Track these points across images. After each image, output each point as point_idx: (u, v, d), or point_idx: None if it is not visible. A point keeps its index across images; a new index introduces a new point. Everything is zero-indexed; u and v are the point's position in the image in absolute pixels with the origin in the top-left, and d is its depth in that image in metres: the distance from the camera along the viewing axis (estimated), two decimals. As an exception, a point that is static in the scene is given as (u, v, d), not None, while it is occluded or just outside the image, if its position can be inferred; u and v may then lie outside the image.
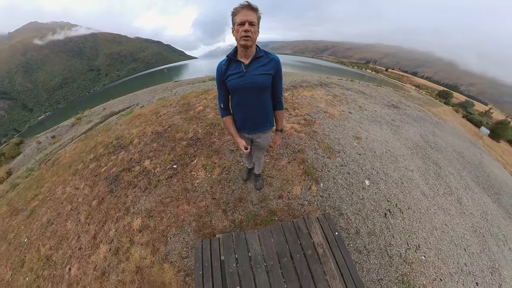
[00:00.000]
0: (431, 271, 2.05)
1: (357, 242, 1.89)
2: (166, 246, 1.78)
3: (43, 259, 2.15)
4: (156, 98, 6.60)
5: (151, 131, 3.49)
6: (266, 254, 1.00)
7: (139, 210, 2.13)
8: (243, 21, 0.92)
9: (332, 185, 2.30)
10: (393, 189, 2.61)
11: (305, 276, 0.92)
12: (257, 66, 1.05)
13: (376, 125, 4.48)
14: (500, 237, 3.29)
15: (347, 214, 2.06)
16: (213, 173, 2.38)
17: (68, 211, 2.53)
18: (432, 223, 2.55)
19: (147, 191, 2.30)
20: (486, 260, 2.63)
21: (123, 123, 4.47)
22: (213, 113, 3.79)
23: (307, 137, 3.03)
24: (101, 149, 3.52)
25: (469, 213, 3.28)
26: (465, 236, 2.76)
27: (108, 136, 4.01)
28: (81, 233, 2.20)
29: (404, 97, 12.14)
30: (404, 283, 1.83)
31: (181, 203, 2.09)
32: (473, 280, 2.23)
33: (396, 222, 2.21)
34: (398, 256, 1.98)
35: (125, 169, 2.74)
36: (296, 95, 5.39)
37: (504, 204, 4.53)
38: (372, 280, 1.75)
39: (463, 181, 4.17)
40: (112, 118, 5.99)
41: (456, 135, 8.15)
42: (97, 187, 2.64)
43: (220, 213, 1.94)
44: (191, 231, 1.84)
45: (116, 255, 1.85)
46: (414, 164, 3.51)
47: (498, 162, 9.01)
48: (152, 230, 1.92)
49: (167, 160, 2.69)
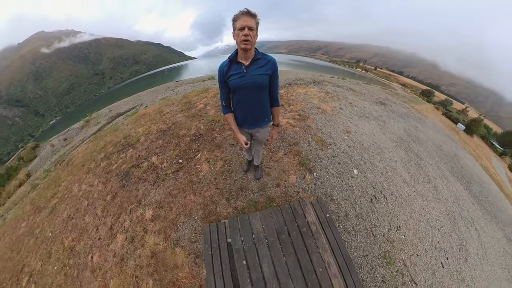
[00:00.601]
0: (409, 248, 2.26)
1: (346, 224, 2.06)
2: (176, 233, 1.89)
3: (68, 250, 2.30)
4: (159, 98, 6.60)
5: (156, 129, 3.54)
6: (267, 232, 1.09)
7: (150, 202, 2.23)
8: (243, 26, 0.97)
9: (324, 174, 2.44)
10: (378, 177, 2.79)
11: (301, 249, 1.01)
12: (256, 67, 1.11)
13: (364, 120, 4.65)
14: (468, 219, 3.62)
15: (338, 200, 2.22)
16: (216, 166, 2.49)
17: (86, 206, 2.66)
18: (411, 207, 2.77)
19: (156, 185, 2.39)
20: (456, 238, 2.91)
21: (129, 123, 4.53)
22: (213, 111, 3.84)
23: (302, 131, 3.15)
24: (111, 148, 3.59)
25: (444, 199, 3.56)
26: (439, 219, 3.02)
27: (116, 135, 4.07)
28: (99, 225, 2.31)
29: (390, 94, 12.51)
30: (386, 258, 2.02)
31: (188, 194, 2.19)
32: (444, 255, 2.48)
33: (380, 207, 2.40)
34: (382, 236, 2.16)
35: (135, 165, 2.82)
36: (291, 92, 5.45)
37: (473, 192, 4.94)
38: (359, 256, 1.91)
39: (440, 171, 4.47)
40: (118, 118, 6.01)
41: (435, 130, 8.59)
42: (109, 183, 2.74)
43: (224, 201, 2.05)
44: (198, 218, 1.95)
45: (132, 243, 1.96)
46: (397, 156, 3.72)
47: (471, 155, 9.65)
48: (163, 219, 2.03)
49: (172, 155, 2.76)
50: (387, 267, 1.96)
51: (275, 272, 0.92)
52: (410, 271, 2.06)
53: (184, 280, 1.60)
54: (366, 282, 1.82)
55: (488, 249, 3.37)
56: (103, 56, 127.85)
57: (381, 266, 1.95)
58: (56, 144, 7.31)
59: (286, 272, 0.93)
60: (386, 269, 1.94)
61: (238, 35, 1.00)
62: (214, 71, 29.89)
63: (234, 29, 1.02)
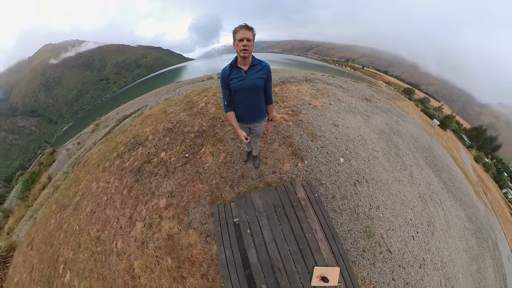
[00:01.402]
0: (386, 224, 2.52)
1: (333, 204, 2.27)
2: (188, 217, 2.06)
3: (94, 240, 2.46)
4: (162, 99, 6.59)
5: (162, 128, 3.63)
6: (266, 206, 1.24)
7: (163, 192, 2.38)
8: (242, 38, 1.09)
9: (314, 162, 2.65)
10: (361, 165, 3.03)
11: (293, 219, 1.18)
12: (254, 72, 1.24)
13: (351, 114, 4.87)
14: (437, 201, 4.01)
15: (326, 184, 2.43)
16: (219, 158, 2.65)
17: (105, 201, 2.78)
18: (389, 190, 3.03)
19: (166, 177, 2.53)
20: (425, 216, 3.26)
21: (137, 124, 4.58)
22: (214, 108, 3.94)
23: (294, 125, 3.32)
24: (122, 147, 3.67)
25: (417, 184, 3.90)
26: (412, 200, 3.33)
27: (126, 136, 4.13)
28: (119, 216, 2.45)
29: (376, 92, 12.93)
30: (367, 232, 2.26)
31: (196, 183, 2.35)
32: (415, 230, 2.83)
33: (362, 190, 2.63)
34: (363, 214, 2.39)
35: (145, 162, 2.94)
36: (285, 89, 5.55)
37: (443, 178, 5.41)
38: (344, 230, 2.14)
39: (415, 160, 4.83)
40: (126, 120, 6.01)
41: (414, 124, 9.09)
42: (124, 179, 2.86)
43: (228, 188, 2.24)
44: (206, 203, 2.12)
45: (150, 229, 2.13)
46: (379, 146, 3.98)
47: (443, 147, 10.35)
48: (176, 206, 2.19)
49: (179, 150, 2.89)
50: (367, 239, 2.21)
51: (273, 237, 1.08)
52: (386, 243, 2.33)
53: (198, 256, 1.79)
54: (350, 252, 2.05)
55: (452, 226, 3.81)
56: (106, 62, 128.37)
57: (362, 238, 2.19)
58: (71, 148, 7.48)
59: (282, 237, 1.09)
60: (367, 241, 2.19)
61: (238, 45, 1.11)
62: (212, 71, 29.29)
63: (234, 40, 1.13)
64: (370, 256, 2.11)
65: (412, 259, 2.43)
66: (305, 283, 1.02)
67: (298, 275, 1.03)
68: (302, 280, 1.02)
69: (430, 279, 2.44)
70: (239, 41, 1.10)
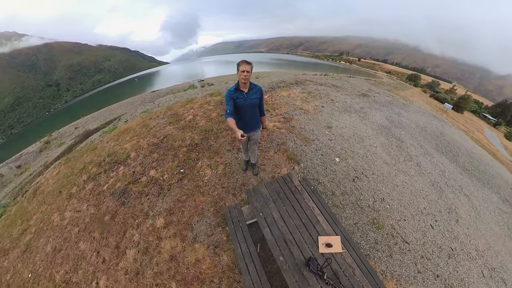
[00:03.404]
0: (395, 215, 3.03)
1: (334, 200, 2.84)
2: (192, 232, 2.43)
3: (62, 285, 2.38)
4: (139, 111, 7.10)
5: (147, 144, 4.05)
6: (271, 193, 1.96)
7: (159, 211, 2.71)
8: (243, 70, 1.85)
9: (310, 164, 3.33)
10: (359, 162, 3.70)
11: (293, 200, 1.85)
12: (252, 93, 2.05)
13: (345, 114, 5.77)
14: (456, 187, 4.54)
15: (324, 182, 3.05)
16: (218, 170, 3.17)
17: (77, 233, 2.83)
18: (393, 182, 3.66)
19: (161, 195, 2.90)
20: (443, 204, 3.69)
21: (111, 140, 4.86)
22: (203, 121, 4.55)
23: (287, 132, 4.09)
24: (94, 168, 3.87)
25: (427, 173, 4.57)
26: (423, 189, 3.91)
27: (97, 155, 4.36)
28: (100, 249, 2.53)
29: (374, 85, 14.64)
30: (375, 224, 2.75)
31: (197, 196, 2.78)
32: (432, 219, 3.23)
33: (362, 184, 3.24)
34: (367, 207, 2.96)
35: (131, 182, 3.26)
36: (275, 96, 6.54)
37: (461, 163, 6.05)
38: (350, 224, 2.66)
39: (423, 149, 5.63)
40: (93, 136, 6.14)
41: (420, 113, 10.28)
42: (104, 204, 3.07)
43: (230, 196, 2.73)
44: (211, 214, 2.55)
45: (146, 254, 2.34)
46: (378, 141, 4.75)
47: (460, 130, 11.51)
48: (177, 223, 2.54)
49: (172, 166, 3.34)
50: (377, 231, 2.67)
51: (280, 216, 1.74)
52: (400, 233, 2.76)
53: (207, 271, 2.09)
54: (361, 245, 2.47)
55: (482, 211, 4.11)
56: (56, 63, 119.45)
57: (371, 231, 2.66)
58: (7, 174, 6.73)
59: (287, 215, 1.74)
60: (377, 233, 2.64)
61: (240, 75, 1.88)
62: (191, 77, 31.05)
63: (238, 70, 1.90)
64: (384, 248, 2.50)
65: (436, 249, 2.73)
66: (313, 251, 1.52)
67: (306, 244, 1.54)
68: (310, 248, 1.53)
69: (467, 270, 2.63)
70: (241, 72, 1.86)
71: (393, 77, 51.83)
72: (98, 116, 10.82)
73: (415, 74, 62.12)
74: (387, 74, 69.61)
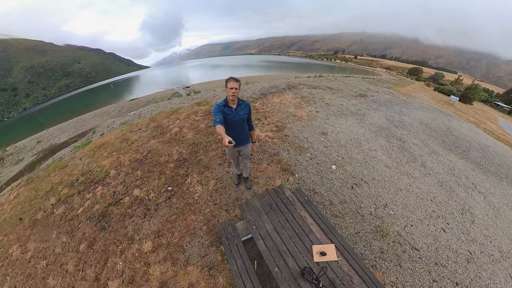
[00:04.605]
0: (401, 221, 3.22)
1: (333, 209, 3.03)
2: (184, 254, 2.51)
3: None
4: (117, 123, 7.16)
5: (128, 160, 4.15)
6: (263, 206, 2.18)
7: (146, 234, 2.79)
8: (231, 87, 2.10)
9: (305, 174, 3.56)
10: (357, 168, 3.96)
11: (285, 211, 2.08)
12: (240, 109, 2.32)
13: (341, 118, 6.18)
14: (468, 185, 4.71)
15: (320, 192, 3.25)
16: (209, 185, 3.33)
17: (45, 268, 2.70)
18: (396, 186, 3.91)
19: (148, 217, 3.00)
20: (454, 205, 3.86)
21: (85, 156, 4.85)
22: (191, 133, 4.74)
23: (280, 141, 4.38)
24: (65, 190, 3.82)
25: (434, 173, 4.86)
26: (430, 191, 4.16)
27: (69, 173, 4.31)
28: (74, 282, 2.47)
29: (372, 83, 15.59)
30: (379, 232, 2.90)
31: (188, 215, 2.91)
32: (444, 222, 3.37)
33: (362, 191, 3.46)
34: (369, 214, 3.16)
35: (112, 204, 3.31)
36: (266, 103, 6.92)
37: (472, 158, 6.21)
38: (351, 234, 2.82)
39: (427, 148, 6.01)
40: (62, 152, 6.05)
41: (424, 109, 10.94)
42: (79, 230, 3.03)
43: (224, 213, 2.87)
44: (203, 233, 2.67)
45: (132, 283, 2.37)
46: (377, 144, 5.08)
47: (470, 123, 12.13)
48: (166, 245, 2.62)
49: (159, 184, 3.46)
50: (382, 239, 2.82)
51: (273, 227, 1.94)
52: (408, 240, 2.90)
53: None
54: (365, 255, 2.61)
55: (501, 208, 4.23)
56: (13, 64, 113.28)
57: (375, 239, 2.82)
58: None
59: (280, 226, 1.94)
60: (382, 241, 2.79)
61: (229, 91, 2.13)
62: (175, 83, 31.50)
63: (226, 87, 2.16)
64: (392, 257, 2.63)
65: (452, 254, 2.81)
66: (308, 260, 1.68)
67: (300, 254, 1.69)
68: (305, 258, 1.69)
69: (491, 275, 2.64)
70: (230, 88, 2.11)
71: (393, 73, 54.80)
72: (67, 127, 10.62)
73: (417, 68, 65.82)
74: (386, 70, 73.54)
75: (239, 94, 2.29)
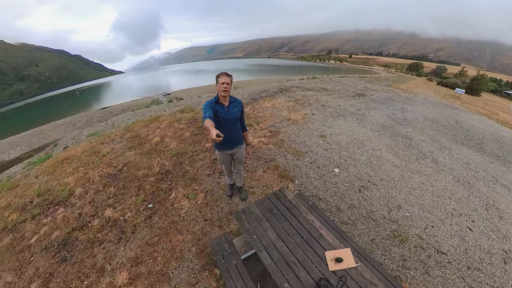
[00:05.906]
0: (419, 222, 3.22)
1: (341, 216, 3.02)
2: (170, 283, 2.36)
3: None
4: (84, 134, 7.01)
5: (99, 175, 4.04)
6: (263, 212, 2.14)
7: (120, 263, 2.63)
8: (223, 82, 2.17)
9: (305, 180, 3.59)
10: (362, 169, 4.04)
11: (289, 216, 2.05)
12: (232, 107, 2.40)
13: (340, 119, 6.40)
14: (488, 179, 4.84)
15: (325, 198, 3.26)
16: (197, 199, 3.27)
17: None
18: (408, 186, 4.00)
19: (123, 241, 2.85)
20: (476, 201, 3.95)
21: (43, 173, 4.63)
22: (174, 143, 4.71)
23: (275, 147, 4.45)
24: (13, 215, 3.59)
25: (448, 168, 5.06)
26: (447, 187, 4.30)
27: (19, 195, 4.08)
28: None
29: (370, 82, 16.49)
30: (397, 237, 2.88)
31: (173, 236, 2.79)
32: (468, 219, 3.43)
33: (371, 194, 3.49)
34: (383, 218, 3.20)
35: (77, 228, 3.13)
36: (257, 108, 7.11)
37: (488, 150, 6.45)
38: (365, 241, 2.80)
39: (437, 144, 6.30)
40: (12, 169, 5.74)
41: (428, 104, 11.59)
42: (31, 266, 2.78)
43: (216, 229, 2.79)
44: (193, 256, 2.54)
45: None
46: (381, 143, 5.23)
47: (480, 115, 12.87)
48: (147, 275, 2.46)
49: (137, 201, 3.37)
50: (401, 245, 2.80)
51: (278, 235, 1.86)
52: (430, 243, 2.89)
53: None
54: (386, 265, 2.55)
55: None
56: None
57: (394, 245, 2.79)
58: None
59: (285, 233, 1.87)
60: (402, 248, 2.77)
61: (220, 87, 2.20)
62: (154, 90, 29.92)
63: (217, 82, 2.24)
64: (416, 265, 2.60)
65: (484, 255, 2.82)
66: (322, 270, 1.57)
67: (313, 264, 1.60)
68: (318, 267, 1.59)
69: None
70: (221, 84, 2.19)
71: (392, 70, 58.23)
72: (19, 141, 10.27)
73: (416, 63, 70.28)
74: (384, 68, 78.03)
75: None
